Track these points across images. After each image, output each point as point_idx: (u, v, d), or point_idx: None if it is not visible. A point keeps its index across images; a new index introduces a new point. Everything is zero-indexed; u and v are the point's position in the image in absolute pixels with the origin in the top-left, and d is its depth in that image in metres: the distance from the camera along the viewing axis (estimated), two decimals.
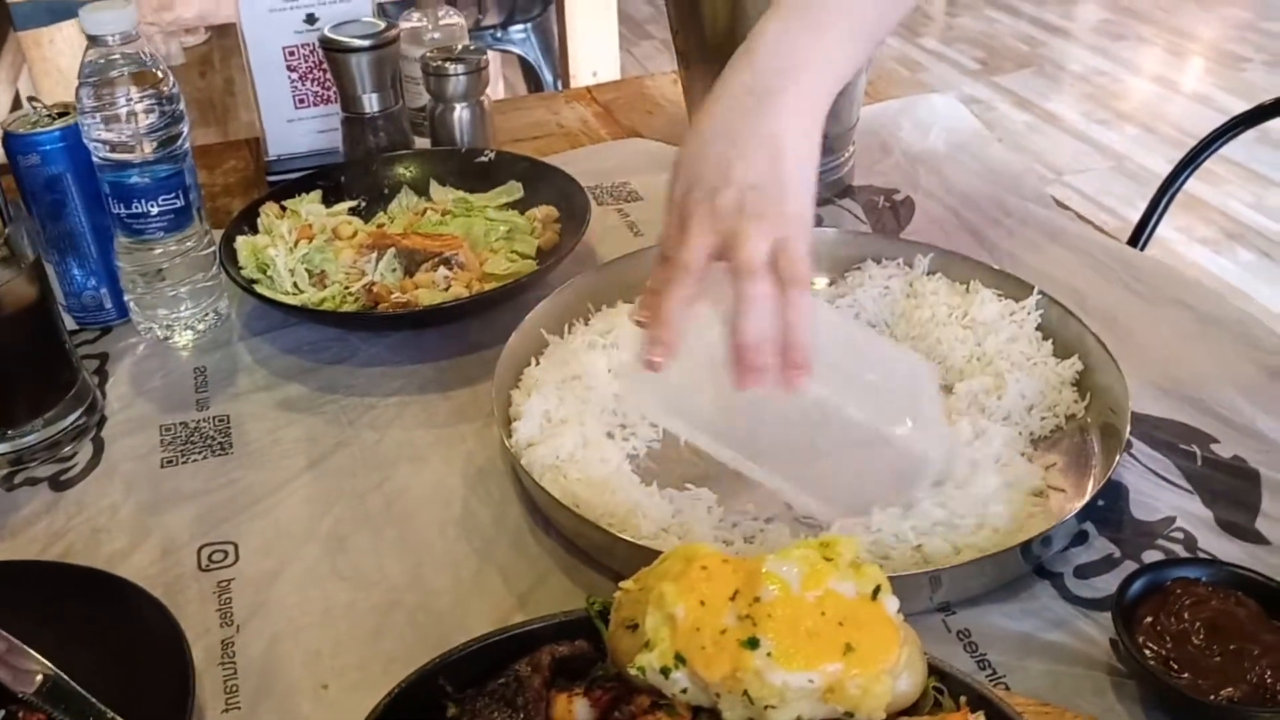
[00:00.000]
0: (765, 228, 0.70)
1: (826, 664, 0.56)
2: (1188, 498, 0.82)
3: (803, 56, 0.73)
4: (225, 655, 0.74)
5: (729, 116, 0.73)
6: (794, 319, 0.70)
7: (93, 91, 0.94)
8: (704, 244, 0.71)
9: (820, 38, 0.74)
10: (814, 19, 0.74)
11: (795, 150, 0.72)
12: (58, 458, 0.92)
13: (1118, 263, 1.09)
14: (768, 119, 0.72)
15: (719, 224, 0.71)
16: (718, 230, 0.71)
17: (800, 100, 0.73)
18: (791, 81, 0.73)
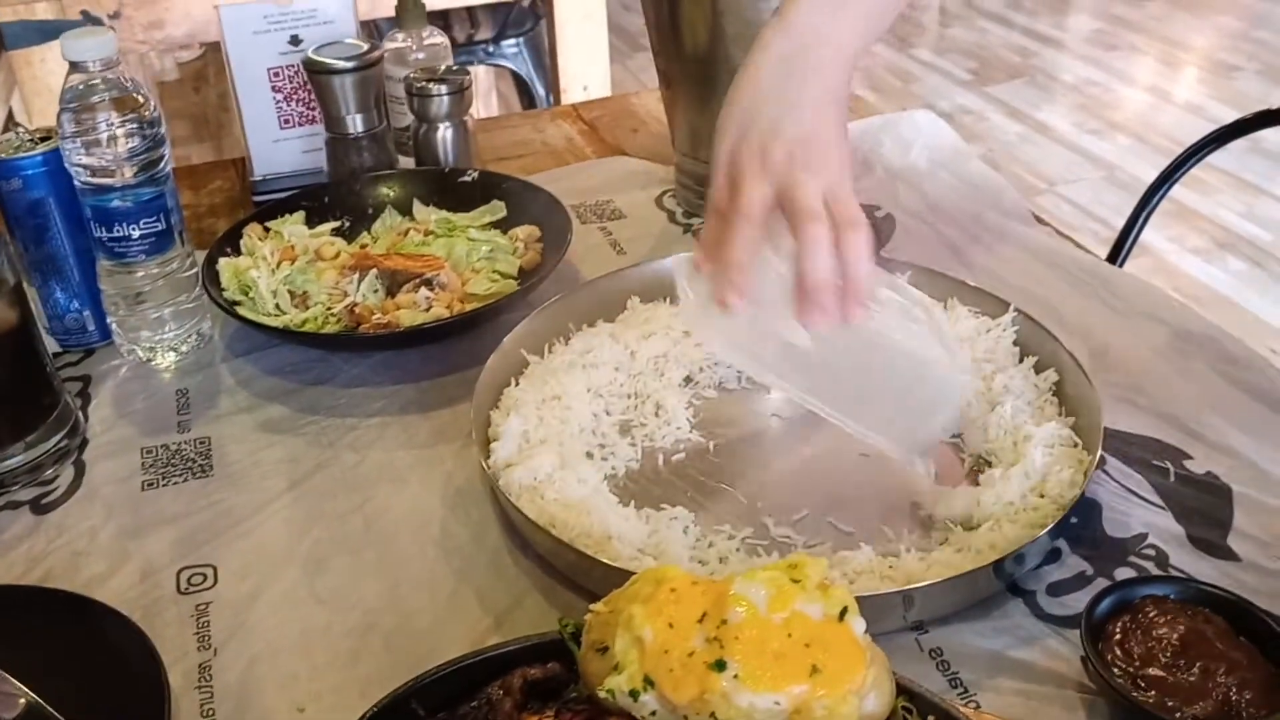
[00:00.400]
0: (817, 177, 0.76)
1: (793, 685, 0.56)
2: (1160, 514, 0.83)
3: (829, 29, 0.81)
4: (203, 679, 0.75)
5: (773, 80, 0.80)
6: (852, 256, 0.76)
7: (74, 117, 0.95)
8: (760, 194, 0.77)
9: (843, 13, 0.82)
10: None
11: (835, 109, 0.80)
12: (39, 481, 0.93)
13: (1094, 278, 1.10)
14: (810, 83, 0.80)
15: (773, 176, 0.77)
16: (772, 181, 0.77)
17: (834, 66, 0.81)
18: (827, 49, 0.80)
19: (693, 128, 1.25)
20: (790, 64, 0.80)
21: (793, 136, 0.78)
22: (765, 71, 0.81)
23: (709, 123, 1.22)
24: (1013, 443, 0.86)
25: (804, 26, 0.81)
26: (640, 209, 1.31)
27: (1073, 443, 0.85)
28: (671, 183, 1.34)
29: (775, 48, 0.81)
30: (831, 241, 0.75)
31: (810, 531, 0.83)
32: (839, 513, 0.84)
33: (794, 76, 0.80)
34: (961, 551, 0.77)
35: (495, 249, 1.13)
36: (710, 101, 1.20)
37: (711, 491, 0.88)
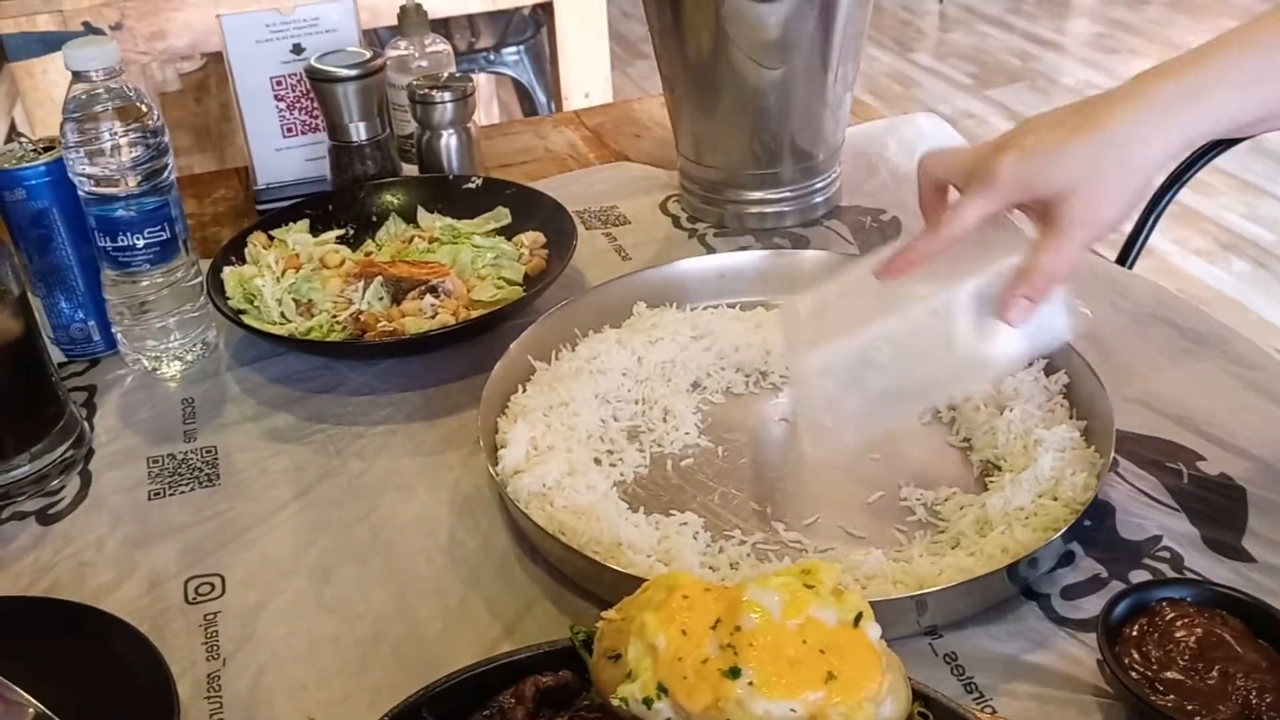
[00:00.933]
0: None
1: (808, 692, 0.56)
2: (1174, 516, 0.82)
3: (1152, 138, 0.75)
4: (211, 689, 0.74)
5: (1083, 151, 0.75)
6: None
7: (77, 126, 0.94)
8: (985, 213, 0.77)
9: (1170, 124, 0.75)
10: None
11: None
12: (45, 491, 0.92)
13: (1103, 280, 1.10)
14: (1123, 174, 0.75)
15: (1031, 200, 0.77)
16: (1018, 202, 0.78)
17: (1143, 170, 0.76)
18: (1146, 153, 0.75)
19: (696, 134, 1.25)
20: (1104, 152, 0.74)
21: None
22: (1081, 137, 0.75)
23: (712, 129, 1.23)
24: (1023, 446, 0.85)
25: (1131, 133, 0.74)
26: (645, 214, 1.31)
27: (1084, 445, 0.84)
28: (675, 188, 1.33)
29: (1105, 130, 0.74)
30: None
31: (821, 536, 0.82)
32: (850, 517, 0.84)
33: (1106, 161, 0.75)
34: (974, 555, 0.76)
35: (500, 255, 1.13)
36: (714, 106, 1.20)
37: (721, 496, 0.87)
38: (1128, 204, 0.75)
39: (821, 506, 0.85)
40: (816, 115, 1.19)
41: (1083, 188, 0.73)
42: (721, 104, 1.19)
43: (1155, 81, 0.74)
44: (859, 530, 0.82)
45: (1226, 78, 0.73)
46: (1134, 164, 0.74)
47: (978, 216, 0.77)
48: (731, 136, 1.21)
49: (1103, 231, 0.76)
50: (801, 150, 1.21)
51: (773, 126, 1.19)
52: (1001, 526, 0.78)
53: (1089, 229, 0.75)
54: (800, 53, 1.14)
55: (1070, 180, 0.74)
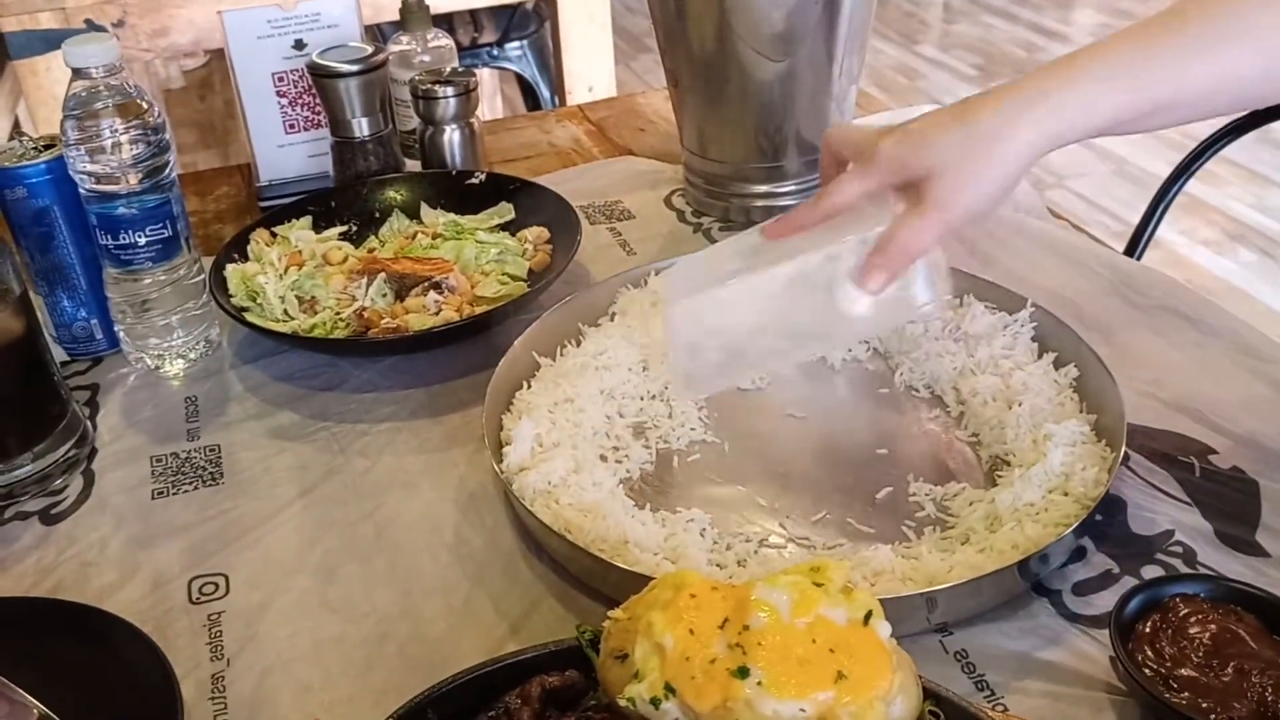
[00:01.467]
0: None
1: (818, 692, 0.55)
2: (1186, 510, 0.81)
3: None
4: (216, 690, 0.74)
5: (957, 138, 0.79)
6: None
7: (77, 124, 0.94)
8: (864, 191, 0.82)
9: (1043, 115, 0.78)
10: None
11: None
12: (48, 491, 0.92)
13: (1113, 272, 1.09)
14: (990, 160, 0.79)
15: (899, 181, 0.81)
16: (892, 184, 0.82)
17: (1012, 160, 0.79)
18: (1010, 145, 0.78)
19: (701, 127, 1.24)
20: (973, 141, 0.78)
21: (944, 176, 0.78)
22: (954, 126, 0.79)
23: (717, 123, 1.22)
24: (1033, 441, 0.84)
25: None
26: (649, 209, 1.30)
27: (1095, 439, 0.84)
28: (680, 182, 1.32)
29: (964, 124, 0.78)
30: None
31: (829, 532, 0.81)
32: (858, 513, 0.83)
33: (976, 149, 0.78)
34: (984, 551, 0.76)
35: (504, 251, 1.12)
36: (718, 99, 1.19)
37: (728, 493, 0.86)
38: (988, 193, 0.79)
39: (830, 502, 0.84)
40: (821, 108, 1.19)
41: (946, 171, 0.78)
42: (726, 97, 1.18)
43: (1028, 82, 0.78)
44: (867, 526, 0.82)
45: (1089, 82, 0.77)
46: (997, 156, 0.77)
47: (856, 191, 0.82)
48: (736, 130, 1.20)
49: (962, 215, 0.79)
50: (806, 143, 1.20)
51: (777, 119, 1.18)
52: (1012, 522, 0.77)
53: (947, 211, 0.78)
54: (805, 45, 1.13)
55: (936, 163, 0.78)
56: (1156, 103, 0.77)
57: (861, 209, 0.83)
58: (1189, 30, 0.76)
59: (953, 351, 0.95)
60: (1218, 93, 0.78)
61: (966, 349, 0.95)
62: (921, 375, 0.95)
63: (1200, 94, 0.77)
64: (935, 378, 0.95)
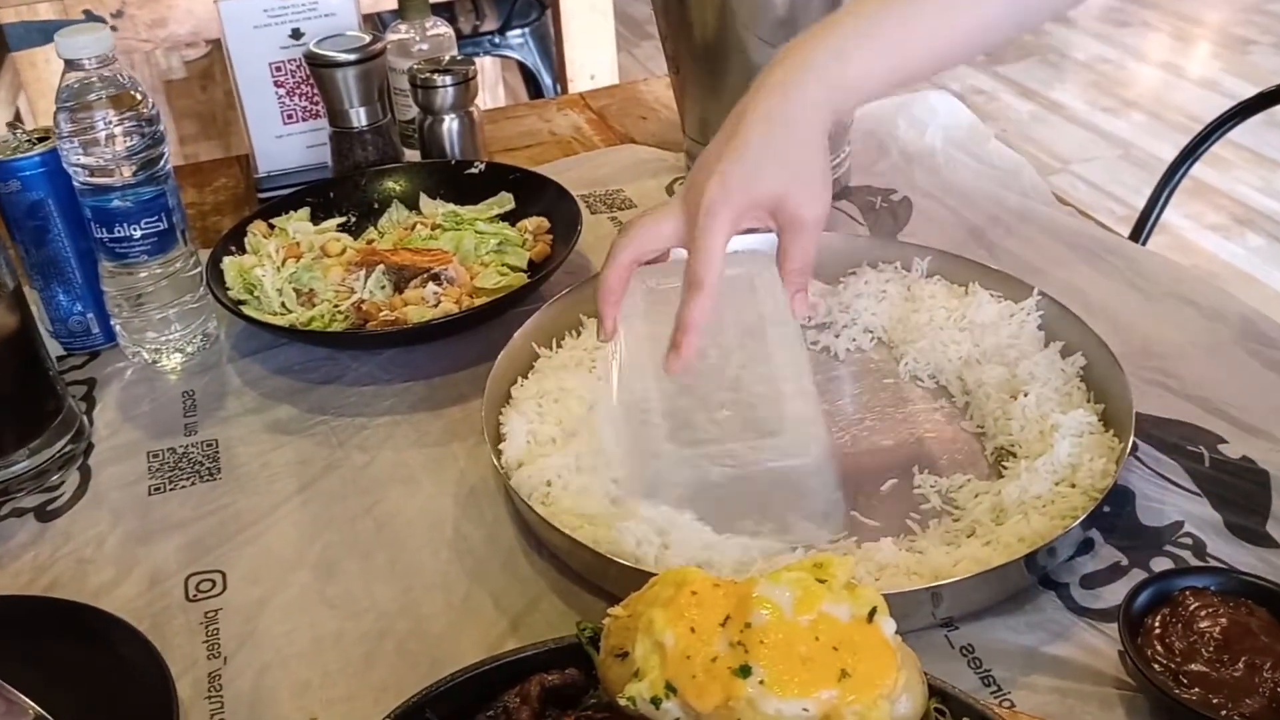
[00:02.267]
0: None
1: (821, 691, 0.54)
2: (1196, 501, 0.80)
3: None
4: (213, 688, 0.73)
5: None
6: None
7: (70, 116, 0.93)
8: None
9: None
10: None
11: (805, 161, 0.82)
12: (44, 487, 0.91)
13: (1120, 259, 1.07)
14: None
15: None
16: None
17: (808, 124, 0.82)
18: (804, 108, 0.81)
19: (703, 113, 1.22)
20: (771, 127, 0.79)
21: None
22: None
23: (720, 108, 1.20)
24: (1039, 432, 0.83)
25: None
26: (651, 197, 1.29)
27: (1102, 430, 0.82)
28: (682, 170, 1.31)
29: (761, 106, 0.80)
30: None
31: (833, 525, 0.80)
32: (862, 504, 0.82)
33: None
34: (990, 544, 0.74)
35: (504, 242, 1.11)
36: (720, 86, 1.17)
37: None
38: (824, 183, 0.80)
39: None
40: None
41: (792, 186, 0.78)
42: (728, 84, 1.17)
43: (791, 59, 0.80)
44: (871, 519, 0.81)
45: (856, 52, 0.80)
46: (811, 142, 0.79)
47: (722, 240, 0.77)
48: None
49: (824, 214, 0.80)
50: None
51: None
52: (1018, 515, 0.76)
53: (814, 217, 0.79)
54: None
55: (779, 181, 0.78)
56: (921, 64, 0.81)
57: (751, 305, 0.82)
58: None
59: (958, 341, 0.93)
60: (971, 44, 0.82)
61: (972, 338, 0.93)
62: (926, 365, 0.94)
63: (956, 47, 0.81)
64: (940, 367, 0.94)
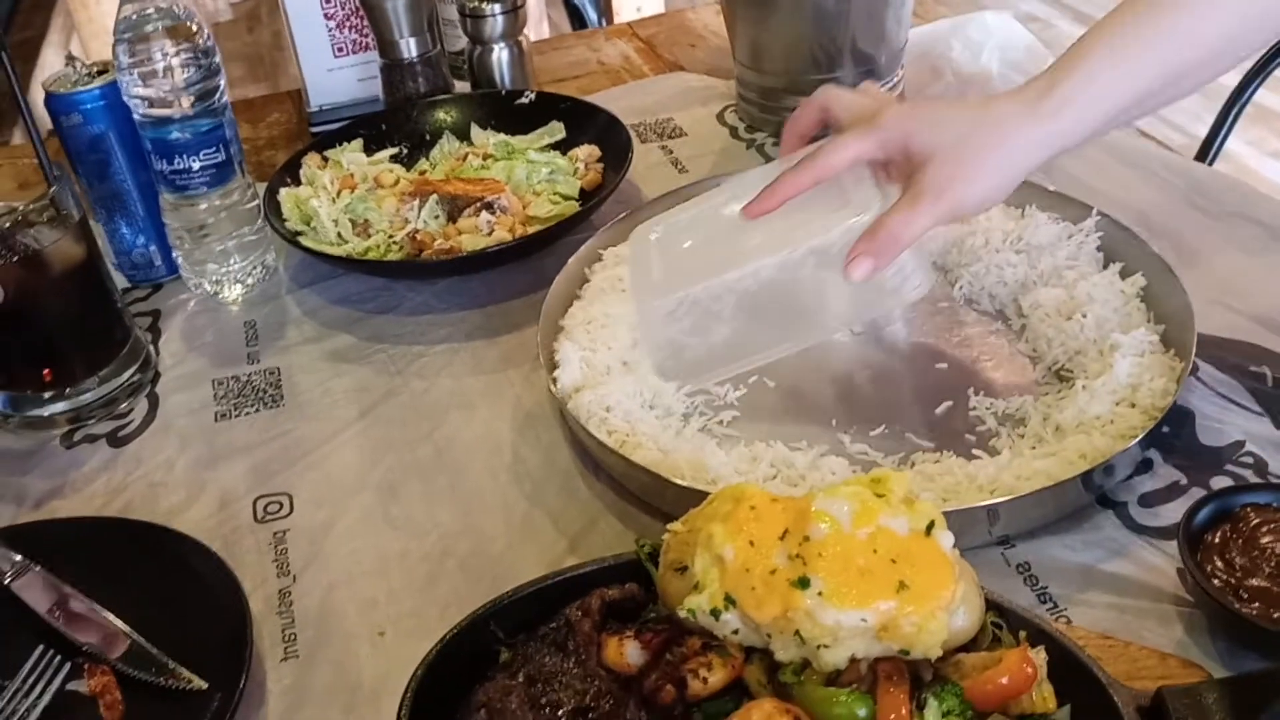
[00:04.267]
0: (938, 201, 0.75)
1: (879, 602, 0.55)
2: (1258, 420, 0.79)
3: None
4: (283, 605, 0.75)
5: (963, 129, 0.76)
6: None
7: (129, 48, 0.94)
8: (852, 157, 0.78)
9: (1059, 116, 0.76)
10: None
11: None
12: (114, 414, 0.93)
13: (1181, 179, 1.05)
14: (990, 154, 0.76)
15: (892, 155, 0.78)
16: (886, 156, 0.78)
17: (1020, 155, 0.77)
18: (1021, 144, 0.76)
19: (753, 40, 1.21)
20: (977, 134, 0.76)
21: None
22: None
23: (770, 34, 1.19)
24: (1098, 352, 0.82)
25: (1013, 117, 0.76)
26: (701, 126, 1.28)
27: (1163, 350, 0.81)
28: (733, 98, 1.30)
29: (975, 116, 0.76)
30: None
31: (889, 446, 0.80)
32: (918, 427, 0.82)
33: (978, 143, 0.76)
34: (1047, 463, 0.74)
35: (555, 170, 1.11)
36: (771, 11, 1.16)
37: (785, 409, 0.85)
38: (986, 188, 0.75)
39: (889, 417, 0.83)
40: (878, 15, 1.15)
41: (948, 153, 0.74)
42: (779, 7, 1.15)
43: (1033, 92, 0.75)
44: (927, 440, 0.81)
45: (1100, 70, 0.74)
46: (1005, 152, 0.75)
47: (851, 156, 0.77)
48: (790, 41, 1.17)
49: (956, 208, 0.75)
50: (863, 53, 1.17)
51: (833, 29, 1.15)
52: (1076, 434, 0.75)
53: (942, 201, 0.74)
54: None
55: (941, 145, 0.75)
56: (1166, 77, 0.74)
57: (841, 182, 0.78)
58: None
59: (1014, 263, 0.92)
60: (1225, 52, 0.75)
61: (1029, 260, 0.92)
62: (982, 287, 0.93)
63: (1210, 54, 0.75)
64: (996, 290, 0.93)
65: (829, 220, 0.77)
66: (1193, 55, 0.75)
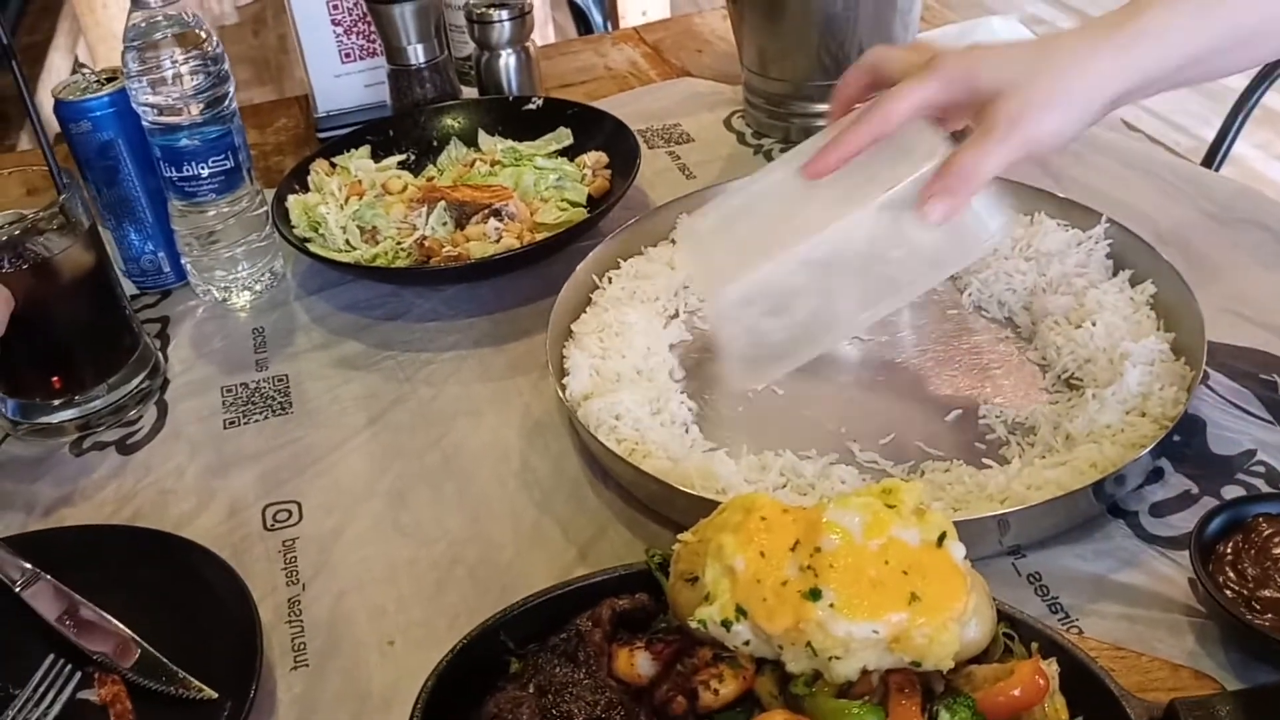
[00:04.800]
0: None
1: (891, 614, 0.55)
2: (1269, 429, 0.79)
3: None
4: (292, 613, 0.75)
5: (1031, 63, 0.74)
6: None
7: (138, 55, 0.94)
8: (918, 105, 0.75)
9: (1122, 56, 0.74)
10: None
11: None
12: (124, 421, 0.93)
13: (1190, 184, 1.05)
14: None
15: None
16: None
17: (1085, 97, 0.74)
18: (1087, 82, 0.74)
19: (761, 45, 1.21)
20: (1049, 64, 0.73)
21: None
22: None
23: (777, 40, 1.19)
24: (1108, 361, 0.82)
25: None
26: (708, 131, 1.28)
27: (1174, 358, 0.81)
28: (740, 103, 1.30)
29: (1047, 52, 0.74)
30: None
31: (898, 455, 0.80)
32: (928, 435, 0.82)
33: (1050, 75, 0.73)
34: (1058, 473, 0.74)
35: (563, 177, 1.11)
36: (779, 15, 1.16)
37: (794, 417, 0.85)
38: (1062, 119, 0.72)
39: (898, 425, 0.83)
40: (886, 21, 1.15)
41: (1018, 90, 0.71)
42: (787, 12, 1.15)
43: (1104, 24, 0.73)
44: (937, 449, 0.80)
45: (1163, 12, 0.72)
46: (1079, 81, 0.72)
47: (914, 103, 0.74)
48: (797, 46, 1.17)
49: (1032, 140, 0.72)
50: None
51: (840, 34, 1.15)
52: (1087, 443, 0.75)
53: (1017, 133, 0.71)
54: None
55: (1008, 80, 0.71)
56: (1236, 33, 0.72)
57: (899, 138, 0.75)
58: None
59: (1023, 270, 0.92)
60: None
61: (1038, 267, 0.92)
62: (991, 295, 0.93)
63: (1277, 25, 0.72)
64: (1005, 297, 0.93)
65: (895, 172, 0.74)
66: (1262, 19, 0.73)
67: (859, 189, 0.74)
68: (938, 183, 0.71)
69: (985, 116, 0.72)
